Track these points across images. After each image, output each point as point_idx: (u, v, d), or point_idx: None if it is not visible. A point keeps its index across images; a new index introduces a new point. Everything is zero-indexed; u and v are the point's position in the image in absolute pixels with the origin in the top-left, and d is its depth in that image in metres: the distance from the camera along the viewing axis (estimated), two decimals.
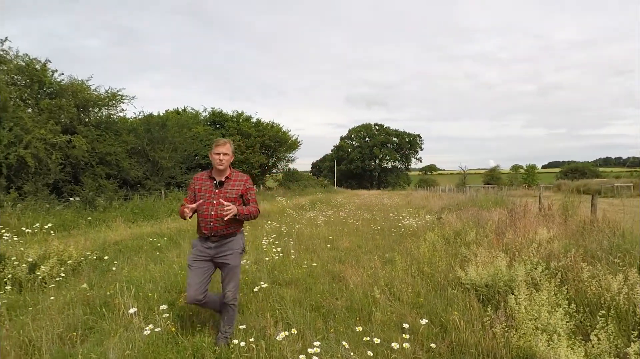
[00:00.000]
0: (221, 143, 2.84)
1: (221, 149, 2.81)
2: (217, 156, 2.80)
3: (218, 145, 2.84)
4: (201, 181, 2.90)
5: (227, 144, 2.86)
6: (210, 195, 2.83)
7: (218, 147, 2.82)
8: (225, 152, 2.83)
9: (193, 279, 2.82)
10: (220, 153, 2.81)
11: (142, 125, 17.71)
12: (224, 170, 2.89)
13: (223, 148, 2.82)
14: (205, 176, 2.93)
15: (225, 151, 2.83)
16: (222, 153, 2.81)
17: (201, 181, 2.90)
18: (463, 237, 6.51)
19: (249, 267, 5.23)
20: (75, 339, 3.08)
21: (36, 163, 12.13)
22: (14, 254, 5.23)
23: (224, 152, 2.82)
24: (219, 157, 2.80)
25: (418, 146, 76.21)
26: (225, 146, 2.84)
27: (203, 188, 2.87)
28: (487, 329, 2.79)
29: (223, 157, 2.81)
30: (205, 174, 2.94)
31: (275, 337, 2.67)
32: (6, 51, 14.40)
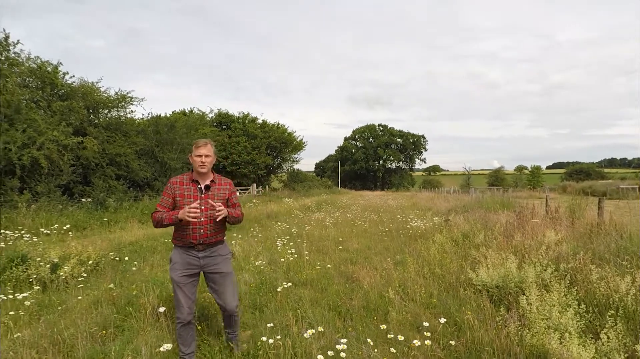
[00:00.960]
0: (202, 144, 2.65)
1: (202, 151, 2.62)
2: (199, 158, 2.62)
3: (199, 146, 2.65)
4: (182, 185, 2.66)
5: (208, 145, 2.68)
6: (196, 200, 2.62)
7: (199, 149, 2.63)
8: (207, 154, 2.64)
9: (184, 299, 2.64)
10: (202, 155, 2.62)
11: (151, 127, 17.96)
12: (207, 173, 2.70)
13: (204, 149, 2.63)
14: (186, 179, 2.69)
15: (207, 152, 2.64)
16: (204, 155, 2.62)
17: (182, 185, 2.66)
18: (472, 239, 6.62)
19: (264, 268, 5.39)
20: (106, 337, 3.24)
21: (49, 165, 12.36)
22: (35, 255, 5.41)
23: (205, 154, 2.63)
24: (201, 159, 2.62)
25: (422, 147, 76.16)
26: (207, 147, 2.66)
27: (186, 193, 2.64)
28: (501, 329, 2.92)
29: (205, 159, 2.63)
30: (185, 177, 2.71)
31: (302, 334, 2.80)
32: (18, 54, 14.67)
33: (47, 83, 14.53)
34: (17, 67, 14.41)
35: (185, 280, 2.66)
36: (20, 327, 3.44)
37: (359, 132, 76.59)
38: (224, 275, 2.75)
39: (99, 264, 5.69)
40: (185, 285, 2.66)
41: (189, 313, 2.66)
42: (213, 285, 2.77)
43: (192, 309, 2.71)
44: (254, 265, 5.49)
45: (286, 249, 6.19)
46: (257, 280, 4.74)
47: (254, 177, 29.82)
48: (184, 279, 2.66)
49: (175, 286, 2.67)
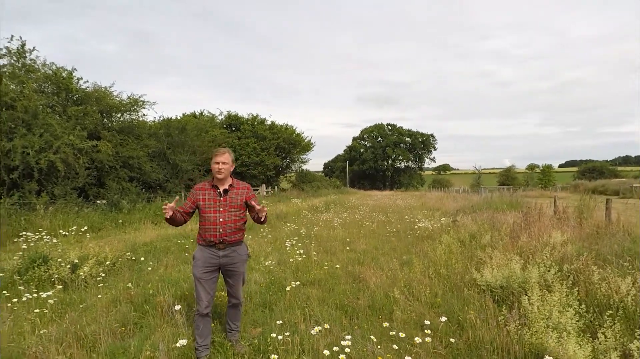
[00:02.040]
0: (220, 153, 2.92)
1: (220, 159, 2.89)
2: (217, 165, 2.89)
3: (217, 154, 2.92)
4: (204, 190, 2.95)
5: (226, 154, 2.94)
6: (216, 203, 2.91)
7: (217, 157, 2.90)
8: (225, 162, 2.90)
9: (204, 294, 2.90)
10: (220, 163, 2.88)
11: (162, 129, 18.34)
12: (225, 179, 2.95)
13: (222, 157, 2.90)
14: (207, 186, 2.98)
15: (225, 160, 2.90)
16: (222, 162, 2.89)
17: (204, 190, 2.95)
18: (478, 240, 6.69)
19: (274, 268, 5.55)
20: (125, 333, 3.43)
21: (65, 168, 12.74)
22: (55, 255, 5.66)
23: (223, 161, 2.89)
24: (218, 166, 2.88)
25: (431, 146, 75.72)
26: (225, 155, 2.92)
27: (207, 197, 2.93)
28: (502, 327, 3.02)
29: (222, 166, 2.89)
30: (207, 184, 3.00)
31: (309, 331, 2.95)
32: (34, 60, 15.14)
33: (62, 88, 14.96)
34: (34, 74, 14.87)
35: (206, 276, 2.92)
36: (45, 324, 3.65)
37: (368, 132, 76.50)
38: (238, 274, 3.05)
39: (116, 264, 5.92)
40: (206, 281, 2.92)
41: (207, 307, 2.92)
42: (229, 279, 3.07)
43: (211, 303, 2.97)
44: (264, 265, 5.66)
45: (295, 250, 6.35)
46: (267, 280, 4.91)
47: (263, 177, 30.10)
48: (205, 275, 2.91)
49: (196, 282, 2.93)
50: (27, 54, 14.88)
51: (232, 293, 3.10)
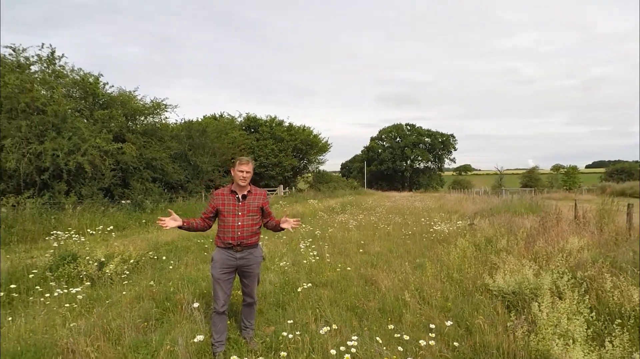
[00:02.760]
0: (244, 162, 3.12)
1: (244, 167, 3.09)
2: (241, 173, 3.07)
3: (242, 164, 3.10)
4: (223, 196, 3.15)
5: (249, 163, 3.15)
6: (234, 208, 3.10)
7: (242, 166, 3.09)
8: (248, 170, 3.10)
9: (221, 293, 3.09)
10: (244, 171, 3.08)
11: (184, 131, 18.88)
12: (245, 186, 3.15)
13: (246, 166, 3.10)
14: (226, 191, 3.17)
15: (248, 169, 3.10)
16: (245, 171, 3.08)
17: (223, 196, 3.15)
18: (494, 244, 6.64)
19: (288, 268, 5.70)
20: (147, 328, 3.64)
21: (92, 169, 13.33)
22: (83, 253, 5.99)
23: (247, 170, 3.09)
24: (243, 174, 3.07)
25: (451, 146, 74.47)
26: (248, 165, 3.13)
27: (227, 202, 3.12)
28: (509, 333, 3.06)
29: (246, 174, 3.08)
30: (226, 189, 3.19)
31: (318, 331, 3.07)
32: (62, 66, 15.89)
33: (89, 93, 15.65)
34: (62, 79, 15.62)
35: (224, 277, 3.12)
36: (75, 318, 3.91)
37: (386, 132, 75.96)
38: (253, 275, 3.25)
39: (139, 262, 6.21)
40: (224, 281, 3.12)
41: (223, 305, 3.12)
42: (245, 280, 3.26)
43: (227, 302, 3.16)
44: (278, 266, 5.82)
45: (309, 251, 6.48)
46: (281, 280, 5.06)
47: (281, 178, 30.45)
48: (222, 276, 3.11)
49: (214, 282, 3.12)
50: (56, 61, 15.66)
51: (248, 292, 3.29)
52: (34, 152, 12.80)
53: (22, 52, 14.93)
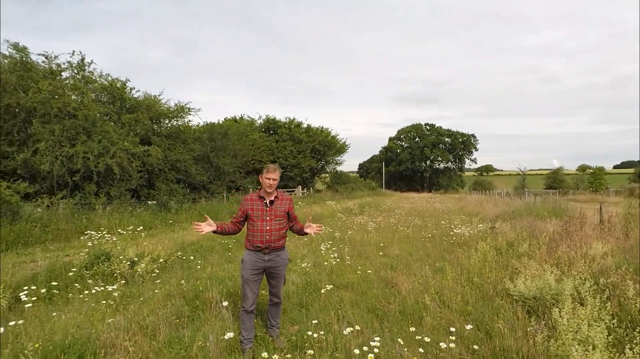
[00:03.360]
0: (272, 170, 3.29)
1: (271, 175, 3.26)
2: (268, 180, 3.25)
3: (269, 171, 3.27)
4: (252, 201, 3.34)
5: (276, 171, 3.32)
6: (263, 212, 3.29)
7: (269, 173, 3.26)
8: (275, 178, 3.28)
9: (250, 293, 3.29)
10: (271, 179, 3.26)
11: (206, 134, 19.41)
12: (273, 192, 3.35)
13: (273, 174, 3.27)
14: (255, 197, 3.37)
15: (275, 177, 3.28)
16: (272, 179, 3.26)
17: (252, 201, 3.34)
18: (515, 248, 6.61)
19: (310, 270, 5.86)
20: (179, 324, 3.87)
21: (120, 171, 13.91)
22: (115, 252, 6.32)
23: (273, 178, 3.27)
24: (270, 181, 3.25)
25: (472, 146, 73.08)
26: (275, 172, 3.30)
27: (255, 207, 3.31)
28: (529, 338, 3.11)
29: (273, 182, 3.27)
30: (255, 195, 3.39)
31: (341, 331, 3.22)
32: (92, 72, 16.62)
33: (117, 98, 16.31)
34: (91, 84, 16.34)
35: (253, 278, 3.31)
36: (111, 314, 4.19)
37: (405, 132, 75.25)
38: (280, 276, 3.45)
39: (167, 261, 6.52)
40: (253, 282, 3.31)
41: (252, 305, 3.31)
42: (272, 281, 3.46)
43: (255, 301, 3.35)
44: (300, 267, 5.99)
45: (329, 253, 6.62)
46: (303, 281, 5.22)
47: (299, 179, 30.73)
48: (252, 277, 3.31)
49: (244, 282, 3.32)
50: (86, 67, 16.39)
51: (274, 292, 3.48)
52: (66, 154, 13.46)
53: (54, 59, 15.70)
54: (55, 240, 10.12)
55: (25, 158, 13.01)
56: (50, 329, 3.63)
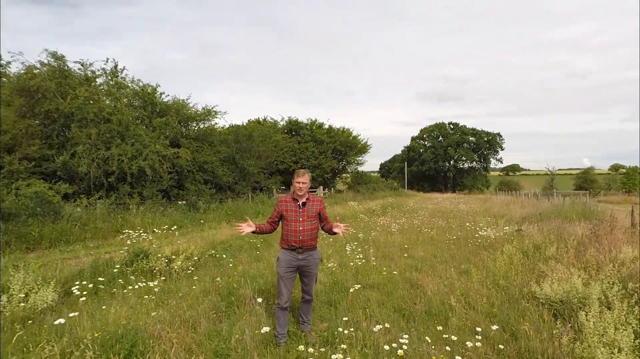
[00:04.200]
0: (301, 174, 3.55)
1: (301, 179, 3.52)
2: (298, 184, 3.51)
3: (299, 175, 3.53)
4: (286, 203, 3.58)
5: (306, 175, 3.56)
6: (296, 213, 3.53)
7: (299, 177, 3.52)
8: (304, 181, 3.52)
9: (285, 289, 3.50)
10: (300, 182, 3.51)
11: (231, 136, 19.99)
12: (304, 194, 3.58)
13: (302, 178, 3.53)
14: (289, 199, 3.61)
15: (304, 180, 3.52)
16: (302, 182, 3.51)
17: (286, 203, 3.58)
18: (543, 251, 6.57)
19: (336, 269, 6.06)
20: (216, 319, 4.15)
21: (152, 172, 14.56)
22: (152, 251, 6.72)
23: (303, 181, 3.52)
24: (299, 184, 3.51)
25: (498, 146, 71.22)
26: (304, 176, 3.54)
27: (289, 209, 3.55)
28: (555, 340, 3.20)
29: (303, 185, 3.51)
30: (289, 197, 3.63)
31: (370, 329, 3.40)
32: (124, 78, 17.43)
33: (148, 102, 17.07)
34: (124, 90, 17.15)
35: (287, 275, 3.53)
36: (154, 308, 4.52)
37: (428, 131, 74.21)
38: (312, 274, 3.66)
39: (200, 259, 6.87)
40: (287, 279, 3.53)
41: (286, 301, 3.52)
42: (304, 279, 3.67)
43: (289, 298, 3.57)
44: (327, 267, 6.19)
45: (354, 254, 6.80)
46: (330, 280, 5.42)
47: (321, 179, 30.98)
48: (286, 274, 3.53)
49: (279, 278, 3.54)
50: (119, 73, 17.22)
51: (307, 290, 3.70)
52: (102, 157, 14.23)
53: (89, 66, 16.60)
54: (93, 238, 10.76)
55: (64, 160, 13.84)
56: (102, 321, 3.99)
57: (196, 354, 3.29)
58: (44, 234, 9.73)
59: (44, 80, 14.55)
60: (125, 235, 8.17)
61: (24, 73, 15.08)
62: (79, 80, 15.86)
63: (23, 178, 12.41)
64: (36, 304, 4.46)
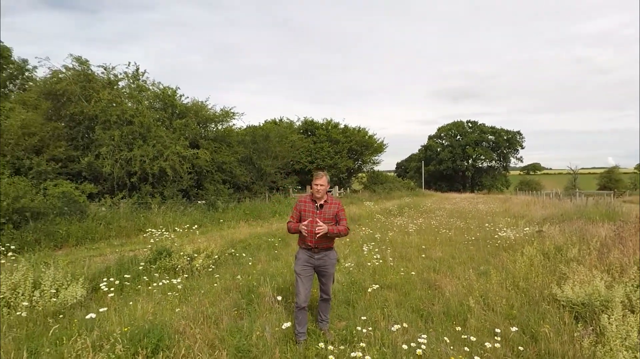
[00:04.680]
0: (319, 177, 3.62)
1: (318, 181, 3.60)
2: (316, 186, 3.59)
3: (317, 178, 3.61)
4: (305, 203, 3.66)
5: (323, 177, 3.62)
6: (313, 214, 3.58)
7: (317, 180, 3.60)
8: (322, 184, 3.59)
9: (302, 288, 3.56)
10: (318, 184, 3.59)
11: (248, 136, 20.28)
12: (322, 196, 3.64)
13: (320, 180, 3.60)
14: (308, 199, 3.68)
15: (322, 183, 3.59)
16: (320, 184, 3.59)
17: (305, 203, 3.66)
18: (564, 253, 6.45)
19: (353, 269, 6.11)
20: (238, 315, 4.27)
21: (173, 173, 14.93)
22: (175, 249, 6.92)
23: (321, 184, 3.59)
24: (317, 187, 3.59)
25: (518, 144, 69.53)
26: (322, 179, 3.61)
27: (307, 209, 3.62)
28: (575, 342, 3.17)
29: (320, 187, 3.59)
30: (308, 198, 3.70)
31: (389, 328, 3.45)
32: (145, 81, 17.89)
33: (168, 104, 17.48)
34: (145, 92, 17.60)
35: (304, 273, 3.61)
36: (177, 304, 4.68)
37: (445, 130, 73.13)
38: (329, 274, 3.72)
39: (220, 258, 7.03)
40: (304, 277, 3.60)
41: (304, 300, 3.57)
42: (321, 278, 3.74)
43: (308, 297, 3.62)
44: (344, 266, 6.25)
45: (372, 254, 6.83)
46: (347, 280, 5.48)
47: (336, 179, 31.00)
48: (303, 272, 3.61)
49: (297, 277, 3.62)
50: (140, 76, 17.68)
51: (324, 290, 3.77)
52: (124, 158, 14.67)
53: (111, 70, 17.10)
54: (117, 236, 11.12)
55: (89, 161, 14.34)
56: (129, 316, 4.16)
57: (219, 349, 3.40)
58: (71, 232, 10.12)
59: (69, 84, 15.08)
60: (148, 234, 8.43)
61: (50, 78, 15.67)
62: (102, 83, 16.36)
63: (51, 178, 12.92)
64: (66, 299, 4.67)
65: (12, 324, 3.85)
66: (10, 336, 3.54)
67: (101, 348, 3.33)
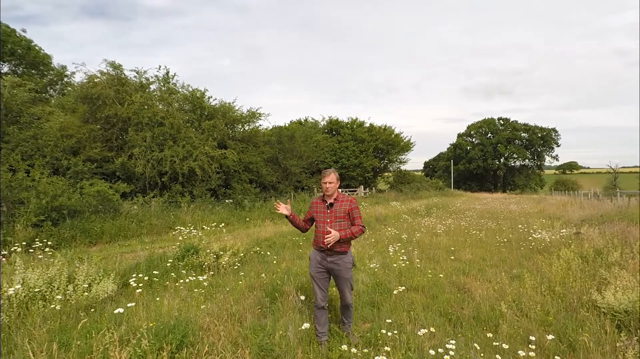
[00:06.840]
0: (326, 174, 3.52)
1: (326, 179, 3.49)
2: (325, 185, 3.50)
3: (325, 176, 3.51)
4: (316, 204, 3.60)
5: (331, 174, 3.51)
6: (324, 215, 3.50)
7: (325, 178, 3.50)
8: (330, 181, 3.48)
9: (318, 289, 3.52)
10: (327, 182, 3.48)
11: (274, 137, 20.51)
12: (332, 194, 3.53)
13: (328, 178, 3.49)
14: (319, 200, 3.62)
15: (330, 180, 3.48)
16: (328, 182, 3.48)
17: (316, 204, 3.60)
18: (604, 257, 6.05)
19: (378, 270, 5.99)
20: (261, 314, 4.27)
21: (201, 173, 15.30)
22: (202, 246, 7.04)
23: (329, 181, 3.48)
24: (326, 185, 3.49)
25: (553, 142, 66.27)
26: (330, 176, 3.49)
27: (318, 210, 3.55)
28: (618, 353, 2.93)
29: (329, 185, 3.48)
30: (319, 198, 3.63)
31: (415, 332, 3.33)
32: (174, 84, 18.42)
33: (197, 106, 17.94)
34: (175, 95, 18.13)
35: (319, 276, 3.54)
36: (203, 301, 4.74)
37: (475, 128, 70.85)
38: (343, 279, 3.54)
39: (246, 256, 7.10)
40: (319, 279, 3.54)
41: (321, 301, 3.53)
42: (337, 283, 3.62)
43: (325, 297, 3.56)
44: (368, 267, 6.15)
45: (398, 255, 6.67)
46: (372, 281, 5.37)
47: (361, 179, 30.74)
48: (317, 274, 3.55)
49: (312, 279, 3.58)
50: (170, 79, 18.23)
51: (341, 296, 3.64)
52: (156, 158, 15.18)
53: (143, 73, 17.73)
54: (148, 233, 11.50)
55: (122, 161, 14.93)
56: (156, 311, 4.25)
57: (242, 347, 3.40)
58: (104, 229, 10.57)
59: (104, 88, 15.77)
60: (177, 231, 8.65)
61: (86, 82, 16.46)
62: (135, 87, 17.01)
63: (87, 178, 13.55)
64: (98, 294, 4.84)
65: (47, 317, 4.02)
66: (45, 328, 3.69)
67: (128, 343, 3.41)
